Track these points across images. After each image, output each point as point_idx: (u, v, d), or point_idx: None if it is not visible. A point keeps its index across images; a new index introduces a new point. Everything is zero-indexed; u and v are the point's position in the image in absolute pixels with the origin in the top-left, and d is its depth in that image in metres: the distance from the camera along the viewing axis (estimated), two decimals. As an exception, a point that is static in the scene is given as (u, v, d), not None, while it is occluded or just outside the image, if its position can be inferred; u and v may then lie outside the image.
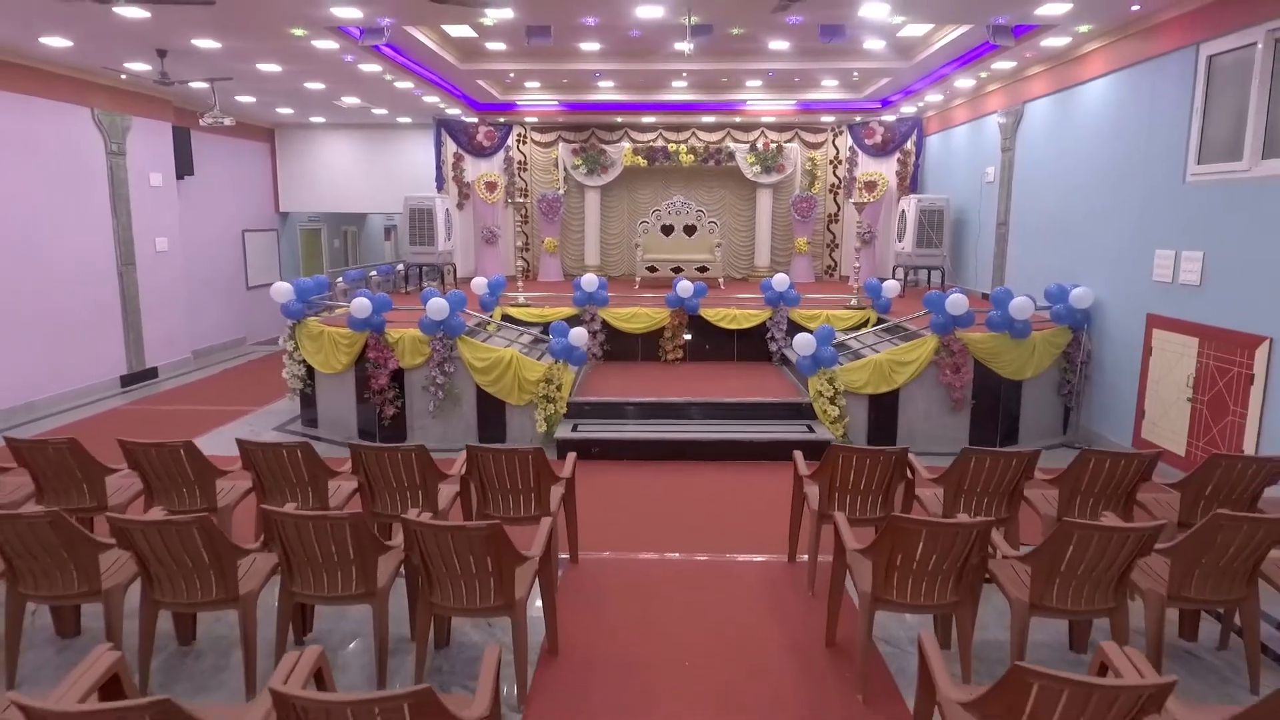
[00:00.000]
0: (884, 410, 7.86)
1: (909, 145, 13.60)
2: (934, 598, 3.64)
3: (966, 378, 7.74)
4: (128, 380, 10.72)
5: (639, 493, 6.64)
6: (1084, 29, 7.54)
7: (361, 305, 7.69)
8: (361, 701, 2.17)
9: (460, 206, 13.95)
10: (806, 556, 5.01)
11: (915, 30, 8.77)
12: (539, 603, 4.21)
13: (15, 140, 8.97)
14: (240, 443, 4.69)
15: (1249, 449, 5.87)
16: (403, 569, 4.01)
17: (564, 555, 5.17)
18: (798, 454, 5.25)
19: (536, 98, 13.03)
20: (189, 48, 8.38)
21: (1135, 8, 6.86)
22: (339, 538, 3.55)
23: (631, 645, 4.25)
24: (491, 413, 7.93)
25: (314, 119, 14.40)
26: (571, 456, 5.32)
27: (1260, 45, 5.90)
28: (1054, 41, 8.05)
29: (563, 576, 4.96)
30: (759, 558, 5.37)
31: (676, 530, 5.81)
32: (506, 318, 9.76)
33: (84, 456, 4.66)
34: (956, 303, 7.55)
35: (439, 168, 14.05)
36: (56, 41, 8.25)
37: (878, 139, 13.64)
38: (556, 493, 4.87)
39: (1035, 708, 2.32)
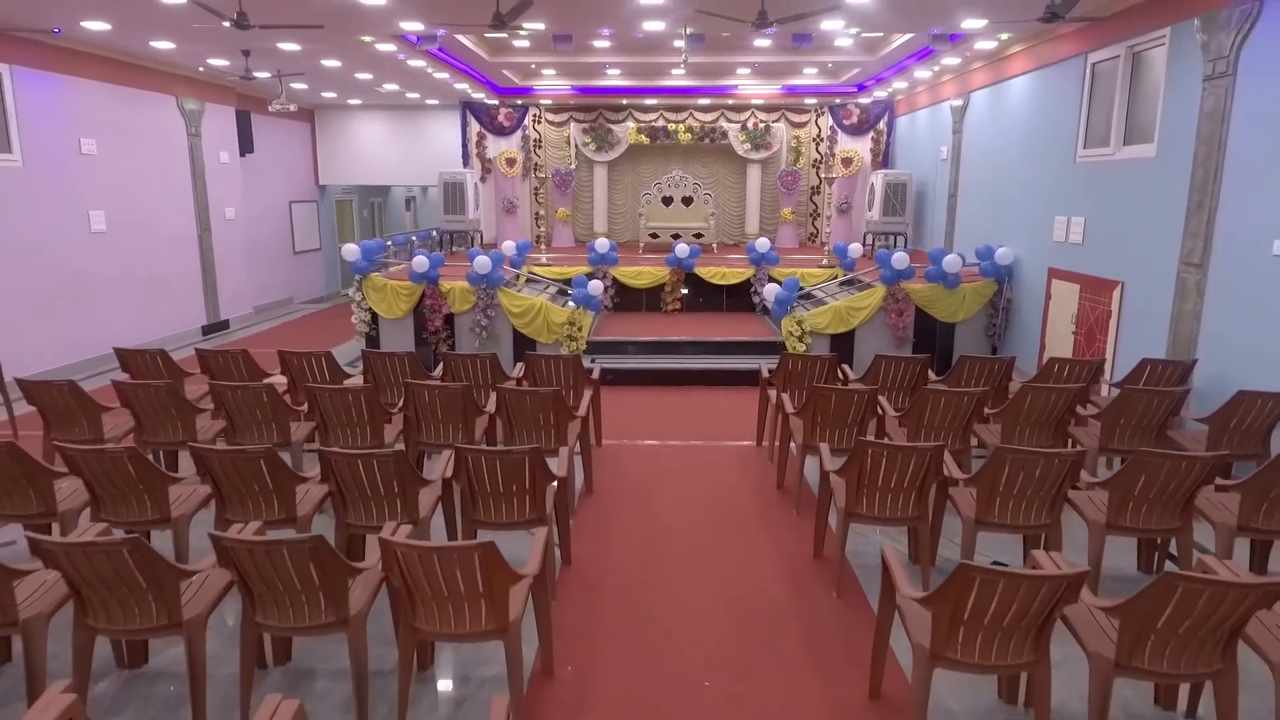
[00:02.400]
0: (842, 347, 9.69)
1: (881, 125, 15.33)
2: (843, 442, 5.52)
3: (908, 320, 9.60)
4: (207, 330, 12.57)
5: (645, 406, 8.53)
6: (1004, 37, 9.28)
7: (421, 262, 9.53)
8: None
9: (483, 180, 15.69)
10: (767, 442, 6.91)
11: (877, 30, 10.48)
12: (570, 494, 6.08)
13: (123, 126, 10.72)
14: (365, 351, 6.55)
15: (1110, 370, 7.73)
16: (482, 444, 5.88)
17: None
18: (764, 365, 7.13)
19: (551, 83, 14.76)
20: (272, 49, 10.10)
21: (1041, 21, 8.58)
22: (453, 401, 5.42)
23: (642, 489, 6.15)
24: (525, 349, 9.76)
25: (351, 101, 16.10)
26: (598, 365, 7.18)
27: (1122, 57, 7.68)
28: (985, 44, 9.79)
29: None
30: (735, 443, 7.27)
31: (674, 428, 7.71)
32: (532, 275, 11.58)
33: (251, 362, 6.53)
34: (900, 260, 9.38)
35: (464, 145, 15.79)
36: (163, 44, 9.99)
37: (854, 119, 15.37)
38: (588, 394, 6.73)
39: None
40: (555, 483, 4.46)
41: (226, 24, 7.22)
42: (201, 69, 11.80)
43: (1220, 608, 2.81)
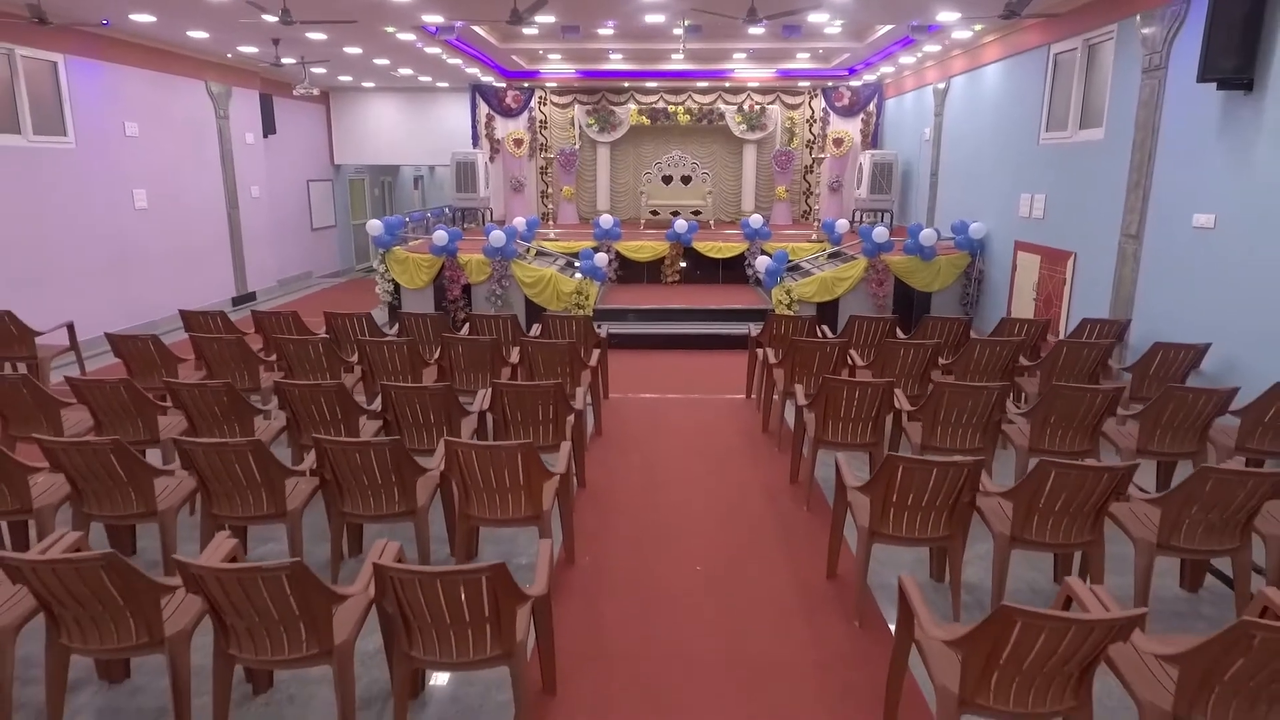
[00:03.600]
0: (827, 315, 10.55)
1: (871, 107, 16.10)
2: (816, 388, 6.40)
3: (888, 289, 10.47)
4: (237, 300, 13.43)
5: (647, 366, 9.42)
6: (978, 28, 10.07)
7: (441, 236, 10.38)
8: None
9: (492, 160, 16.49)
10: (755, 395, 7.80)
11: (860, 23, 11.25)
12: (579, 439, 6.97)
13: (160, 110, 11.53)
14: (401, 313, 7.42)
15: (1062, 331, 8.60)
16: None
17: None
18: (752, 326, 8.01)
19: (557, 67, 15.53)
20: (300, 38, 10.87)
21: (1001, 18, 9.37)
22: (482, 352, 6.30)
23: (645, 432, 7.05)
24: (536, 316, 10.63)
25: (365, 84, 16.85)
26: (606, 326, 8.07)
27: (1079, 49, 8.49)
28: (961, 34, 10.57)
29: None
30: (727, 396, 8.17)
31: (673, 384, 8.61)
32: (541, 249, 12.42)
33: (299, 321, 7.40)
34: (880, 234, 10.23)
35: (474, 126, 16.58)
36: (198, 33, 10.77)
37: (845, 102, 16.14)
38: (597, 350, 7.61)
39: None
40: (573, 415, 5.35)
41: (272, 19, 8.02)
42: (230, 55, 12.57)
43: (1083, 488, 3.71)
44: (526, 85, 16.28)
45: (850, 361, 6.68)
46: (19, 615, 3.15)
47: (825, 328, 7.84)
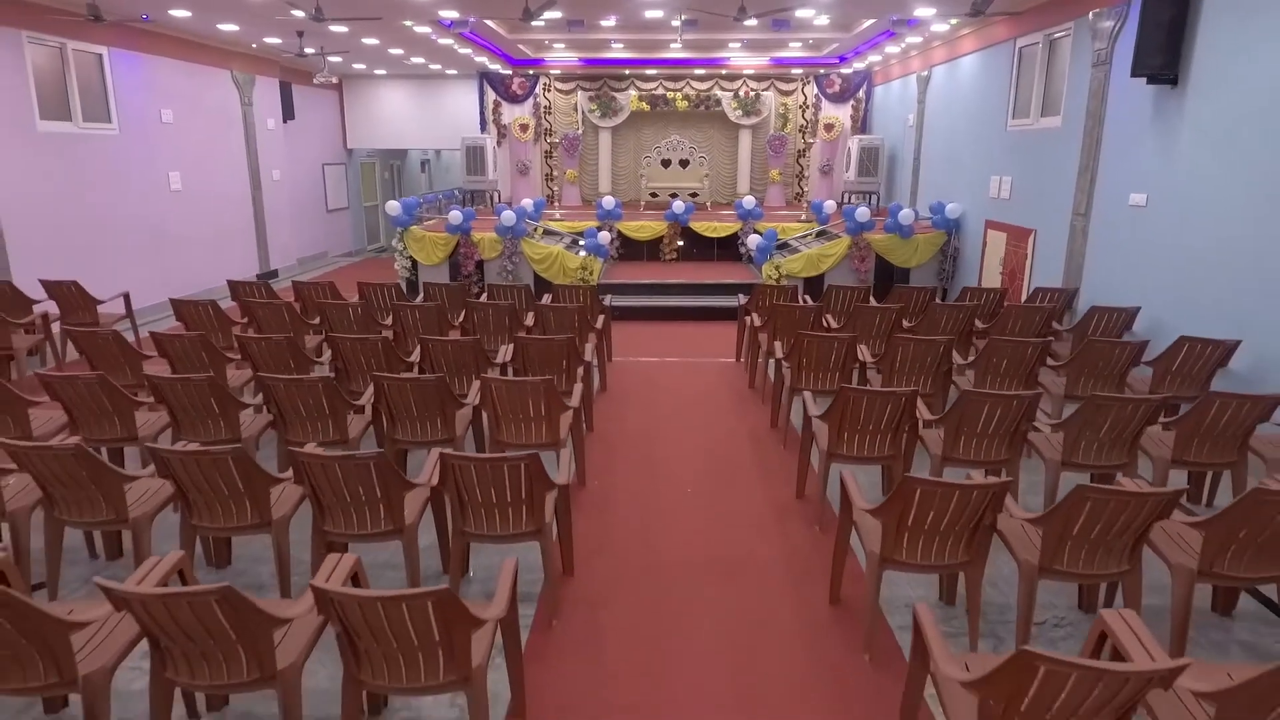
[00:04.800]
0: (813, 289, 11.41)
1: (861, 94, 16.88)
2: (785, 349, 7.27)
3: (869, 265, 11.31)
4: (260, 277, 14.24)
5: (647, 334, 10.28)
6: (954, 22, 10.85)
7: (456, 216, 11.21)
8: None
9: (499, 144, 17.28)
10: (743, 358, 8.67)
11: (844, 17, 12.01)
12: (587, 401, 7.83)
13: (190, 98, 12.32)
14: (425, 283, 8.28)
15: (1023, 299, 9.44)
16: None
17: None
18: (742, 297, 8.87)
19: (561, 55, 16.29)
20: (322, 30, 11.64)
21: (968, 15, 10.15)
22: (500, 316, 7.16)
23: (645, 388, 7.93)
24: (544, 291, 11.47)
25: (378, 71, 17.59)
26: (609, 299, 8.92)
27: (1041, 43, 9.29)
28: (939, 27, 11.35)
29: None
30: (719, 360, 9.04)
31: (671, 349, 9.48)
32: (548, 228, 13.24)
33: (334, 290, 8.26)
34: (862, 213, 11.06)
35: (482, 112, 17.35)
36: (228, 26, 11.55)
37: (836, 88, 16.91)
38: (601, 318, 8.46)
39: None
40: (583, 366, 6.22)
41: (301, 14, 8.81)
42: (255, 46, 13.34)
43: (998, 413, 4.58)
44: (532, 73, 17.04)
45: (826, 324, 7.54)
46: (156, 504, 4.04)
47: (807, 296, 8.69)
